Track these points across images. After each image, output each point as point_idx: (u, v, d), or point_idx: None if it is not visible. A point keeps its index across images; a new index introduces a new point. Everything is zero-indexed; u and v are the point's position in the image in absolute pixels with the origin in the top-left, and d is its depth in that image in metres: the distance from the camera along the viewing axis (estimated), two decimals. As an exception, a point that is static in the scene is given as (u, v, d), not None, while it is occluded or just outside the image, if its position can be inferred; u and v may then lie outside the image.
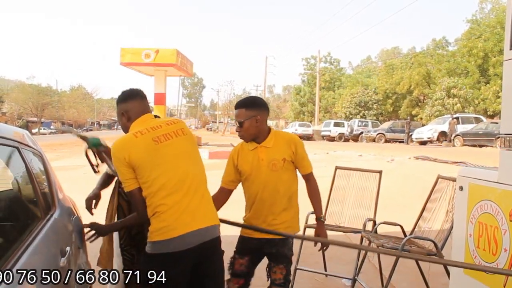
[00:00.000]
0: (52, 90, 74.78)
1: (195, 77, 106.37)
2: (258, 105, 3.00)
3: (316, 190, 3.13)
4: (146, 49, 19.50)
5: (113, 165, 2.49)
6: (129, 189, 2.32)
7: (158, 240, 2.26)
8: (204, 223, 2.36)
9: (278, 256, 3.03)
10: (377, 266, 4.46)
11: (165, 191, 2.28)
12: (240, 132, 2.99)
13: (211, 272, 2.46)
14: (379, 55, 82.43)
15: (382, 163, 13.74)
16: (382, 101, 45.75)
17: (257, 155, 2.98)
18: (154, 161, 2.30)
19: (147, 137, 2.35)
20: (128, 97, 2.54)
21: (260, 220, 2.99)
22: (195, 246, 2.29)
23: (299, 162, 3.04)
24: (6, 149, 1.99)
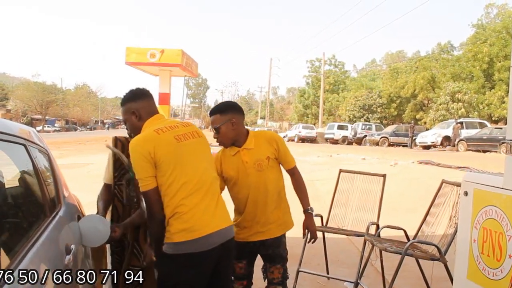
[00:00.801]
0: (57, 88, 74.88)
1: (199, 77, 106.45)
2: (232, 109, 2.99)
3: (302, 183, 3.15)
4: (151, 49, 19.51)
5: None
6: (147, 188, 2.26)
7: (182, 241, 2.25)
8: (224, 224, 2.41)
9: (274, 257, 3.05)
10: (380, 269, 4.45)
11: (185, 191, 2.28)
12: (218, 139, 2.97)
13: (225, 270, 2.51)
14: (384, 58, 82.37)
15: (385, 167, 13.71)
16: (386, 104, 45.66)
17: (240, 159, 2.97)
18: (176, 159, 2.30)
19: (169, 134, 2.35)
20: (138, 96, 2.53)
21: (254, 221, 2.99)
22: (217, 246, 2.33)
23: (282, 157, 3.05)
24: (14, 146, 2.00)
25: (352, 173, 4.83)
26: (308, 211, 3.12)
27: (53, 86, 73.62)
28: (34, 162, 2.11)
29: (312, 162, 16.40)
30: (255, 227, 2.99)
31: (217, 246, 2.33)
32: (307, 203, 3.13)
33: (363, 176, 4.72)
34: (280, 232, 3.06)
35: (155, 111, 2.54)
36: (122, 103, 2.58)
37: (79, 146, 28.09)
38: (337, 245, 5.78)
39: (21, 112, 67.30)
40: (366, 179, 4.67)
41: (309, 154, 19.68)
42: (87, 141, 34.93)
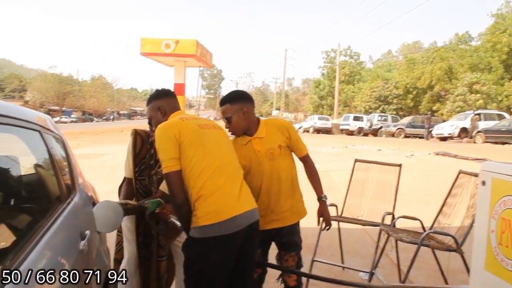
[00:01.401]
0: (73, 79, 75.73)
1: (214, 68, 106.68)
2: (242, 98, 2.99)
3: (315, 171, 3.15)
4: (166, 39, 19.59)
5: (175, 219, 2.57)
6: (171, 169, 2.30)
7: (207, 224, 2.26)
8: (249, 206, 2.45)
9: (288, 245, 3.06)
10: (395, 260, 4.41)
11: (207, 173, 2.33)
12: (230, 128, 2.98)
13: (250, 252, 2.53)
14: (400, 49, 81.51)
15: (401, 158, 13.61)
16: (403, 95, 45.19)
17: (252, 148, 2.97)
18: (199, 142, 2.38)
19: (192, 122, 2.48)
20: (163, 94, 2.76)
21: (268, 210, 2.98)
22: (243, 228, 2.35)
23: (294, 145, 3.05)
24: (29, 132, 2.00)
25: (368, 163, 4.77)
26: (322, 198, 3.11)
27: (70, 77, 74.41)
28: (49, 149, 2.12)
29: (328, 153, 16.33)
30: (269, 216, 2.98)
31: (243, 228, 2.36)
32: (321, 191, 3.13)
33: (378, 166, 4.67)
34: (294, 219, 3.06)
35: (178, 108, 2.74)
36: (148, 102, 2.77)
37: (95, 137, 28.33)
38: (352, 235, 5.75)
39: (38, 103, 68.09)
40: (381, 169, 4.63)
41: (324, 145, 19.59)
42: (103, 131, 35.22)
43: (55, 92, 67.05)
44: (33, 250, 1.55)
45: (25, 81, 79.56)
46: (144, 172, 2.98)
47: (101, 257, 2.54)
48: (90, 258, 2.21)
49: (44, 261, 1.61)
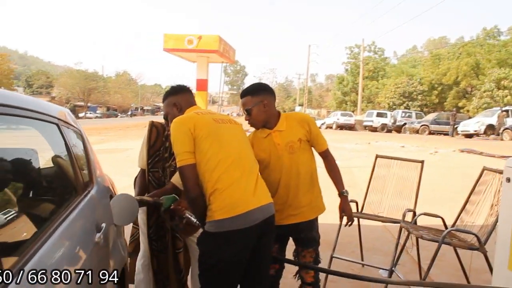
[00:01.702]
0: (98, 75, 76.66)
1: (237, 64, 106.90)
2: (263, 90, 2.96)
3: (335, 166, 3.10)
4: (188, 35, 19.64)
5: (190, 214, 2.56)
6: (186, 163, 2.29)
7: (222, 218, 2.25)
8: (265, 200, 2.43)
9: (306, 240, 3.03)
10: (415, 258, 4.35)
11: (223, 166, 2.31)
12: (249, 120, 2.96)
13: (266, 247, 2.51)
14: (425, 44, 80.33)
15: (425, 155, 13.42)
16: (427, 92, 44.47)
17: (272, 141, 2.94)
18: (214, 136, 2.36)
19: (208, 116, 2.48)
20: (179, 90, 2.77)
21: (286, 204, 2.95)
22: (259, 223, 2.34)
23: (314, 139, 3.01)
24: (46, 125, 2.02)
25: (389, 159, 4.70)
26: (343, 193, 3.07)
27: (95, 73, 75.39)
28: (67, 142, 2.14)
29: (350, 149, 16.23)
30: (287, 210, 2.95)
31: (259, 222, 2.34)
32: (342, 186, 3.07)
33: (400, 162, 4.59)
34: (313, 215, 3.03)
35: (194, 103, 2.75)
36: (164, 98, 2.79)
37: (119, 132, 28.69)
38: (372, 232, 5.68)
39: (64, 99, 69.22)
40: (403, 165, 4.55)
41: (347, 141, 19.46)
42: (127, 127, 35.66)
43: (81, 88, 68.03)
44: (48, 240, 1.56)
45: (52, 77, 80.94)
46: (158, 164, 2.98)
47: (118, 249, 2.55)
48: (106, 251, 2.23)
49: (60, 252, 1.63)
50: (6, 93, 1.74)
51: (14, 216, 1.65)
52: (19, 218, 1.71)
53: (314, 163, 3.05)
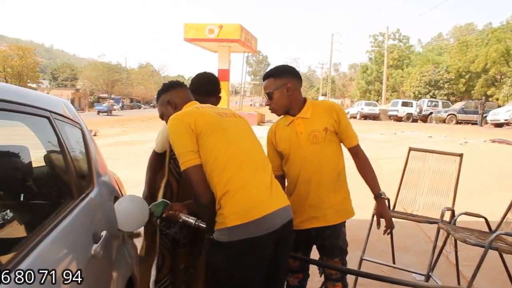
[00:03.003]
0: (122, 67, 77.26)
1: (259, 54, 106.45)
2: (287, 72, 2.61)
3: (368, 164, 2.70)
4: (209, 24, 19.38)
5: (187, 217, 2.23)
6: (190, 164, 1.98)
7: (236, 225, 1.92)
8: (282, 202, 2.11)
9: (332, 249, 2.66)
10: (452, 260, 3.99)
11: (235, 164, 2.00)
12: (270, 105, 2.62)
13: (283, 255, 2.19)
14: (452, 32, 78.48)
15: (454, 146, 12.92)
16: (454, 80, 43.42)
17: (294, 129, 2.59)
18: (219, 130, 2.06)
19: (209, 110, 2.17)
20: (170, 86, 2.42)
21: (306, 204, 2.59)
22: (278, 228, 2.02)
23: (343, 132, 2.62)
24: (35, 119, 1.74)
25: (423, 151, 4.31)
26: (380, 196, 2.68)
27: (118, 65, 76.02)
28: (60, 138, 1.85)
29: (376, 139, 15.75)
30: (308, 211, 2.60)
31: (277, 228, 2.01)
32: (378, 187, 2.68)
33: (435, 155, 4.21)
34: (338, 219, 2.65)
35: (190, 99, 2.39)
36: (157, 98, 2.45)
37: (142, 124, 28.67)
38: (402, 229, 5.31)
39: (88, 91, 69.93)
40: (439, 158, 4.16)
41: (372, 132, 18.96)
42: (149, 118, 35.70)
43: (104, 80, 68.59)
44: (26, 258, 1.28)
45: (76, 70, 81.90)
46: None
47: (123, 259, 2.26)
48: (107, 262, 1.94)
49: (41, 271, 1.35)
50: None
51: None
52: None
53: (342, 160, 2.67)
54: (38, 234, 1.43)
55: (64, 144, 1.87)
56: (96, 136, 19.22)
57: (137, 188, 2.96)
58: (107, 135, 19.41)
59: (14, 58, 54.52)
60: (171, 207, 2.27)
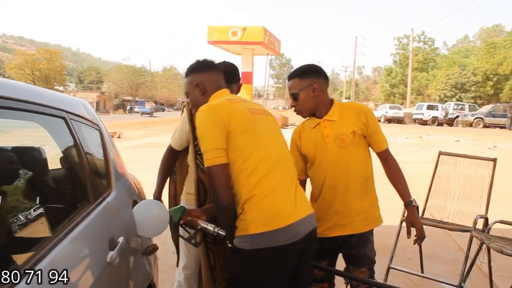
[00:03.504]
0: (146, 70, 77.98)
1: (283, 57, 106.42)
2: (314, 72, 2.49)
3: (398, 170, 2.56)
4: (233, 26, 19.37)
5: (205, 224, 2.13)
6: (215, 162, 1.85)
7: (260, 232, 1.82)
8: (307, 210, 2.00)
9: (358, 258, 2.52)
10: (484, 269, 3.80)
11: (265, 167, 1.88)
12: (296, 107, 2.50)
13: (307, 265, 2.09)
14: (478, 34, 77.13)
15: (482, 150, 12.58)
16: (481, 83, 42.52)
17: (320, 132, 2.47)
18: (253, 130, 1.94)
19: (242, 105, 2.02)
20: (204, 67, 2.22)
21: (331, 211, 2.47)
22: (303, 237, 1.92)
23: (372, 136, 2.49)
24: (50, 119, 1.67)
25: (454, 156, 4.13)
26: (411, 203, 2.53)
27: (143, 68, 76.75)
28: (76, 139, 1.77)
29: (401, 143, 15.46)
30: (334, 219, 2.48)
31: (302, 237, 1.91)
32: (408, 194, 2.54)
33: (467, 160, 4.01)
34: (366, 227, 2.52)
35: (222, 86, 2.22)
36: (186, 74, 2.27)
37: (166, 126, 28.82)
38: (431, 236, 5.06)
39: (113, 94, 70.83)
40: (471, 163, 3.98)
41: (397, 135, 18.64)
42: (173, 121, 35.92)
43: (129, 83, 69.30)
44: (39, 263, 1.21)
45: (101, 73, 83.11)
46: None
47: (141, 266, 2.18)
48: (123, 270, 1.85)
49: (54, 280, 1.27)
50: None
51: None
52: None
53: (371, 165, 2.55)
54: (50, 240, 1.35)
55: (80, 145, 1.80)
56: (120, 138, 19.40)
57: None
58: (131, 137, 19.56)
59: (42, 62, 55.63)
60: (189, 213, 2.17)
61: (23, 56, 57.05)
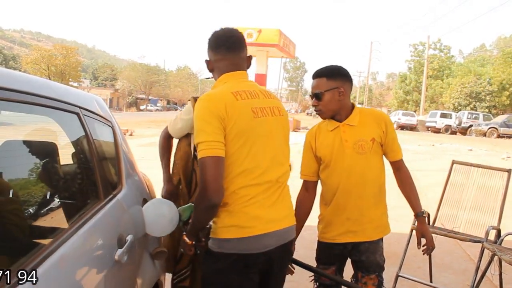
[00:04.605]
0: (160, 69, 78.35)
1: (297, 61, 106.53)
2: (342, 75, 2.44)
3: (411, 180, 2.55)
4: (248, 28, 19.39)
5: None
6: (213, 154, 1.72)
7: (228, 238, 1.81)
8: (286, 223, 1.96)
9: (368, 265, 2.49)
10: (494, 281, 3.75)
11: (246, 179, 1.81)
12: (317, 106, 2.45)
13: (277, 277, 2.05)
14: (495, 43, 76.43)
15: (496, 160, 12.44)
16: (497, 92, 42.06)
17: (339, 136, 2.43)
18: (247, 136, 1.83)
19: (247, 104, 1.87)
20: (218, 47, 2.00)
21: (344, 216, 2.44)
22: (272, 249, 1.89)
23: (389, 145, 2.46)
24: (63, 114, 1.67)
25: (468, 165, 4.08)
26: (422, 214, 2.52)
27: (157, 67, 77.12)
28: (89, 135, 1.77)
29: (413, 151, 15.34)
30: (346, 225, 2.45)
31: (272, 249, 1.88)
32: (419, 206, 2.52)
33: (480, 169, 3.97)
34: (377, 235, 2.50)
35: (237, 67, 2.00)
36: (208, 44, 2.05)
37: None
38: (441, 246, 5.06)
39: (127, 92, 71.23)
40: (484, 173, 3.93)
41: (409, 142, 18.51)
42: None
43: (143, 81, 69.67)
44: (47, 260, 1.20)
45: (116, 70, 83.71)
46: None
47: (149, 264, 2.16)
48: (131, 269, 1.85)
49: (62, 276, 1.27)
50: (15, 74, 1.40)
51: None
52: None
53: (384, 174, 2.52)
54: (58, 236, 1.35)
55: (92, 142, 1.80)
56: (132, 136, 19.48)
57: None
58: (143, 135, 19.62)
59: (58, 57, 56.21)
60: None
61: (40, 51, 57.71)
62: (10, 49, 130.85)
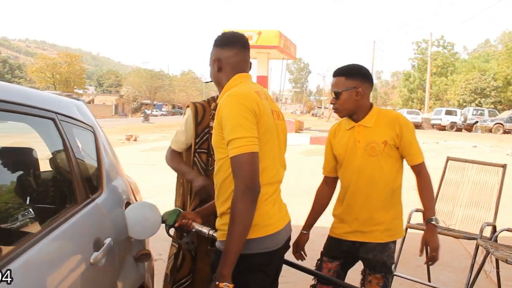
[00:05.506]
0: (164, 74, 78.72)
1: (301, 62, 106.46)
2: (361, 75, 2.44)
3: (429, 186, 2.47)
4: (248, 30, 19.37)
5: (200, 227, 2.12)
6: (250, 149, 1.68)
7: (251, 238, 1.75)
8: (287, 218, 1.98)
9: (375, 263, 2.47)
10: (493, 278, 3.71)
11: (267, 177, 1.81)
12: (335, 105, 2.46)
13: (279, 272, 2.06)
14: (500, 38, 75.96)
15: (500, 156, 12.37)
16: (502, 88, 41.87)
17: (353, 136, 2.44)
18: (270, 134, 1.84)
19: (267, 104, 1.89)
20: (226, 44, 2.00)
21: (352, 217, 2.45)
22: (284, 244, 1.93)
23: (406, 148, 2.42)
24: (38, 120, 1.67)
25: (463, 161, 4.05)
26: (431, 221, 2.43)
27: (161, 72, 77.49)
28: (65, 140, 1.76)
29: (416, 149, 15.29)
30: (355, 224, 2.46)
31: (284, 243, 1.92)
32: (432, 212, 2.46)
33: (476, 165, 3.93)
34: (386, 238, 2.47)
35: (245, 68, 2.01)
36: (213, 44, 2.06)
37: (181, 130, 29.00)
38: (441, 243, 4.96)
39: (132, 97, 71.61)
40: (480, 169, 3.89)
41: (413, 141, 18.44)
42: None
43: (147, 87, 70.06)
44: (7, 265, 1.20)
45: (120, 76, 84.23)
46: (205, 144, 2.58)
47: (132, 267, 2.16)
48: (110, 271, 1.84)
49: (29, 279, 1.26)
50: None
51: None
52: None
53: (400, 177, 2.49)
54: (24, 241, 1.34)
55: (69, 147, 1.79)
56: (136, 141, 19.55)
57: (173, 192, 2.89)
58: (147, 140, 19.71)
59: (63, 65, 56.61)
60: (184, 216, 2.14)
61: (44, 59, 58.17)
62: (16, 58, 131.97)
